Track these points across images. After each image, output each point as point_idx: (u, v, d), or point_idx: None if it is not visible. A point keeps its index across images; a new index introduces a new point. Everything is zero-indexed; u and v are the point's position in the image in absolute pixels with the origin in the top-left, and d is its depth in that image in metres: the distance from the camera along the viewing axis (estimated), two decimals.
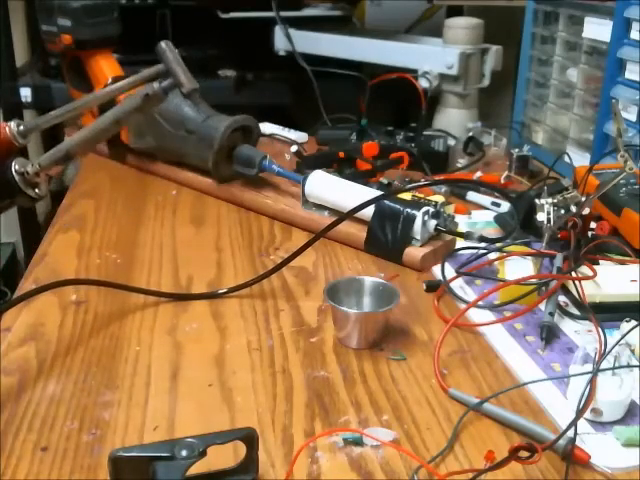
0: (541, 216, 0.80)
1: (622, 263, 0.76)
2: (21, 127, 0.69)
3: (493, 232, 0.89)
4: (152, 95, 0.69)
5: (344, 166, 1.02)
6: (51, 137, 1.85)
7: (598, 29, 1.02)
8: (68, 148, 0.67)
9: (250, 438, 0.48)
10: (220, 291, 0.75)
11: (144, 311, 0.71)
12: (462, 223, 0.91)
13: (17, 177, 0.63)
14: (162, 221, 0.94)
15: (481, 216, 0.96)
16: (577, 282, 0.70)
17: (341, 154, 1.03)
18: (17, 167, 0.63)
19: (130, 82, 0.72)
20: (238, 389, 0.59)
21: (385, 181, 1.00)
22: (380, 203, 0.83)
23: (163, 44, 0.71)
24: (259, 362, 0.63)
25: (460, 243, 0.84)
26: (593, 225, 0.84)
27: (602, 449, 0.52)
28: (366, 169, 1.01)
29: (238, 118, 0.99)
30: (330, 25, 1.48)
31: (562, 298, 0.72)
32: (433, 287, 0.76)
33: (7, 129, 0.68)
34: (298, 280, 0.78)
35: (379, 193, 0.84)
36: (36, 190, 0.65)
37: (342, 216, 0.79)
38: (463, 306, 0.71)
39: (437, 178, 1.04)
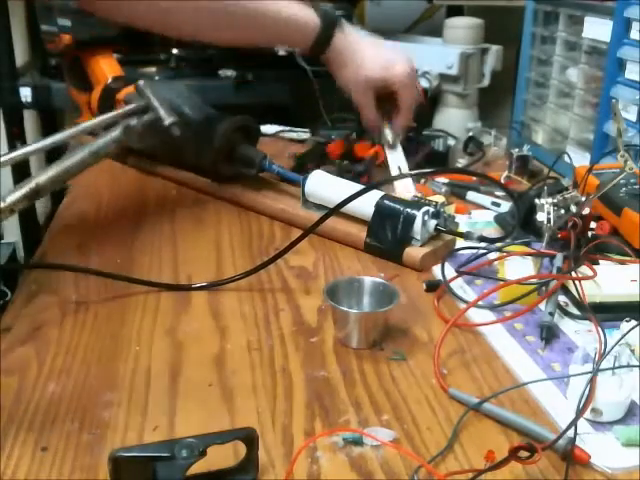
0: (541, 216, 0.80)
1: (622, 263, 0.76)
2: None
3: (493, 232, 0.89)
4: (131, 129, 0.72)
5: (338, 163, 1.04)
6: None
7: (598, 29, 1.02)
8: (38, 184, 0.64)
9: (250, 438, 0.48)
10: (208, 283, 0.76)
11: (144, 311, 0.71)
12: (462, 223, 0.91)
13: None
14: (162, 221, 0.94)
15: (481, 216, 0.96)
16: (577, 282, 0.70)
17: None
18: None
19: (108, 118, 0.73)
20: (238, 389, 0.59)
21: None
22: (380, 203, 0.83)
23: (141, 83, 0.76)
24: (259, 362, 0.63)
25: (460, 243, 0.84)
26: (593, 225, 0.84)
27: (602, 449, 0.52)
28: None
29: (238, 118, 0.99)
30: None
31: (562, 298, 0.72)
32: (433, 287, 0.76)
33: None
34: (298, 280, 0.78)
35: (380, 193, 0.84)
36: None
37: (329, 211, 0.80)
38: (463, 306, 0.71)
39: (438, 176, 1.04)
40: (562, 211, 0.80)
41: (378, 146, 1.05)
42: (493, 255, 0.78)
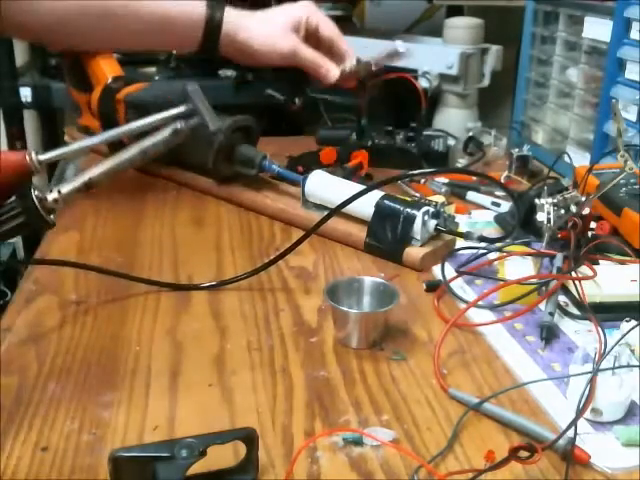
0: (541, 216, 0.80)
1: (622, 263, 0.76)
2: (40, 157, 0.71)
3: (493, 232, 0.89)
4: (180, 131, 0.74)
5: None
6: (50, 136, 1.85)
7: (598, 29, 1.02)
8: (91, 178, 0.68)
9: (250, 438, 0.48)
10: (215, 282, 0.76)
11: (144, 311, 0.71)
12: (462, 223, 0.91)
13: (38, 204, 0.63)
14: (162, 221, 0.94)
15: (481, 216, 0.96)
16: (577, 282, 0.70)
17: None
18: (37, 193, 0.63)
19: (156, 120, 0.76)
20: (238, 389, 0.59)
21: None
22: (380, 203, 0.83)
23: (190, 87, 0.78)
24: (259, 362, 0.63)
25: (460, 243, 0.84)
26: (593, 225, 0.84)
27: (602, 449, 0.52)
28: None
29: (238, 118, 0.99)
30: None
31: (562, 298, 0.72)
32: (433, 287, 0.76)
33: (28, 157, 0.70)
34: (298, 280, 0.78)
35: (380, 193, 0.84)
36: (51, 216, 0.65)
37: (330, 212, 0.79)
38: (463, 306, 0.71)
39: (438, 176, 1.04)
40: (562, 211, 0.80)
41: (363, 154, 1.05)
42: (493, 255, 0.78)
